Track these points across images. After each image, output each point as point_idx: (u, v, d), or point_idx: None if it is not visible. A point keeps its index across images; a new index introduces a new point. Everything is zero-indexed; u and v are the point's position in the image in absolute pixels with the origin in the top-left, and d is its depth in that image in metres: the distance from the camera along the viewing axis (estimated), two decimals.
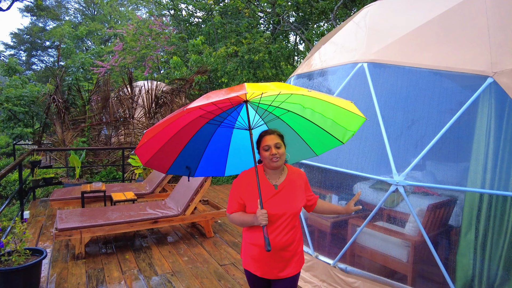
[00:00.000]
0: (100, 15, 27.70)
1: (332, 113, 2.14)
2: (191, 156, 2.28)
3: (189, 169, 2.31)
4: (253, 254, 2.04)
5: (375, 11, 3.99)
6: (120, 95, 9.26)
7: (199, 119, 2.14)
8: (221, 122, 2.21)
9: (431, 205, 2.94)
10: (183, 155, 2.24)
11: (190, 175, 2.33)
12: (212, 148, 2.33)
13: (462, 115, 2.76)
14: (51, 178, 6.92)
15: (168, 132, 2.11)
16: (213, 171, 2.41)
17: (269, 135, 2.00)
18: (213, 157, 2.36)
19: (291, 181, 2.06)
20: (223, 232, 5.14)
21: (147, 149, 2.14)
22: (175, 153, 2.22)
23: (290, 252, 2.02)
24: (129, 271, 3.80)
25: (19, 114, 8.29)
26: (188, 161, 2.29)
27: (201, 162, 2.34)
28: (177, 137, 2.15)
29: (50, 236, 4.75)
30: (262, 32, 12.36)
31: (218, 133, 2.29)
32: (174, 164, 2.25)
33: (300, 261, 2.10)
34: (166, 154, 2.20)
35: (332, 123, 2.19)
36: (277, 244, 1.97)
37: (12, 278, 3.06)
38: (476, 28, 2.93)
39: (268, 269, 2.03)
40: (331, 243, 3.60)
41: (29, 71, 26.00)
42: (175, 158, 2.24)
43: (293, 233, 2.02)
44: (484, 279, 2.65)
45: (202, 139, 2.26)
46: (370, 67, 3.39)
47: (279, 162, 1.98)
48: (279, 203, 1.99)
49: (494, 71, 2.63)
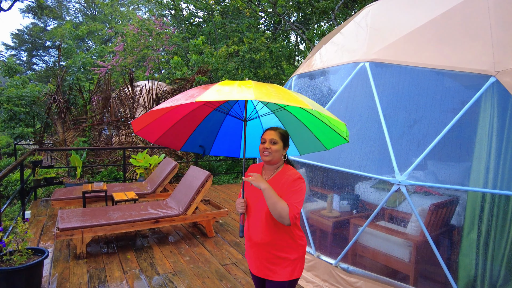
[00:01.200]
0: (101, 15, 27.71)
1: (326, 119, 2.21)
2: (204, 136, 2.45)
3: (203, 147, 2.45)
4: (246, 245, 2.16)
5: (376, 11, 3.98)
6: (121, 95, 9.26)
7: (203, 107, 2.28)
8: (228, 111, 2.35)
9: (433, 205, 2.94)
10: (195, 135, 2.41)
11: (204, 153, 2.49)
12: (225, 131, 2.47)
13: (464, 115, 2.75)
14: (52, 178, 6.92)
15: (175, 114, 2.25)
16: (228, 151, 2.54)
17: (270, 130, 2.05)
18: (226, 138, 2.50)
19: (277, 180, 2.03)
20: (225, 232, 5.14)
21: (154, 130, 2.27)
22: (187, 133, 2.38)
23: (272, 254, 1.99)
24: (130, 270, 3.80)
25: (20, 114, 8.30)
26: (202, 140, 2.45)
27: (216, 141, 2.50)
28: (186, 119, 2.29)
29: (51, 235, 4.75)
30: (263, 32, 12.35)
31: (228, 120, 2.43)
32: (187, 142, 2.42)
33: (288, 271, 2.00)
34: (177, 133, 2.35)
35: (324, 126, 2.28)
36: (253, 238, 2.04)
37: (14, 278, 3.06)
38: (479, 27, 2.92)
39: (253, 263, 2.09)
40: (333, 243, 3.60)
41: (30, 71, 26.02)
42: (188, 137, 2.40)
43: (274, 234, 1.97)
44: (486, 279, 2.64)
45: (212, 123, 2.41)
46: (372, 66, 3.38)
47: (269, 157, 2.01)
48: (258, 197, 2.02)
49: (497, 70, 2.62)
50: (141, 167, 7.32)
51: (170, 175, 6.00)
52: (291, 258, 2.01)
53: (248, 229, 2.08)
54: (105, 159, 8.74)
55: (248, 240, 2.10)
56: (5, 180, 7.52)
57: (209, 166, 9.70)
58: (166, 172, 6.00)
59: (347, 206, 3.62)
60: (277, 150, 2.00)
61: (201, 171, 4.97)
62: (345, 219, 3.55)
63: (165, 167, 6.14)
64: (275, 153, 2.00)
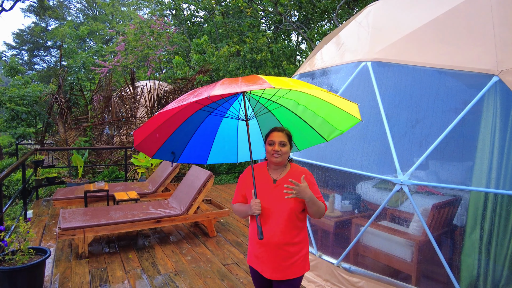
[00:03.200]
0: (102, 15, 27.74)
1: (325, 111, 2.17)
2: (178, 141, 2.31)
3: (173, 154, 2.34)
4: (255, 250, 2.08)
5: (377, 10, 3.97)
6: (122, 94, 9.27)
7: (194, 104, 2.15)
8: (213, 110, 2.23)
9: (435, 205, 2.93)
10: (171, 140, 2.26)
11: (173, 161, 2.34)
12: (199, 135, 2.34)
13: (467, 114, 2.74)
14: (54, 178, 6.93)
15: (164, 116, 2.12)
16: (195, 158, 2.42)
17: (278, 132, 2.05)
18: (198, 144, 2.38)
19: (291, 177, 2.04)
20: (226, 231, 5.14)
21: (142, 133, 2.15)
22: (164, 138, 2.24)
23: (289, 252, 2.00)
24: (132, 270, 3.80)
25: (21, 114, 8.31)
26: (174, 146, 2.31)
27: (186, 148, 2.36)
28: (170, 121, 2.16)
29: (53, 235, 4.76)
30: (264, 32, 12.35)
31: (208, 120, 2.31)
32: (161, 148, 2.27)
33: (302, 266, 2.06)
34: (155, 138, 2.21)
35: (322, 121, 2.24)
36: (271, 239, 1.97)
37: (16, 277, 3.06)
38: (481, 26, 2.91)
39: (267, 267, 2.02)
40: (334, 243, 3.59)
41: (31, 71, 26.06)
42: (163, 143, 2.25)
43: (292, 232, 2.00)
44: (489, 279, 2.63)
45: (192, 124, 2.28)
46: (373, 66, 3.37)
47: (279, 159, 2.02)
48: (274, 197, 2.01)
49: (500, 69, 2.61)
50: (143, 166, 7.33)
51: (171, 175, 6.01)
52: (303, 253, 2.07)
53: (265, 231, 1.98)
54: (107, 158, 8.75)
55: (265, 243, 2.00)
56: (7, 179, 7.54)
57: (210, 166, 9.71)
58: (168, 171, 6.00)
59: (349, 206, 3.61)
60: (286, 151, 2.04)
61: (202, 170, 4.97)
62: (347, 219, 3.55)
63: (167, 167, 6.15)
64: (285, 154, 2.03)
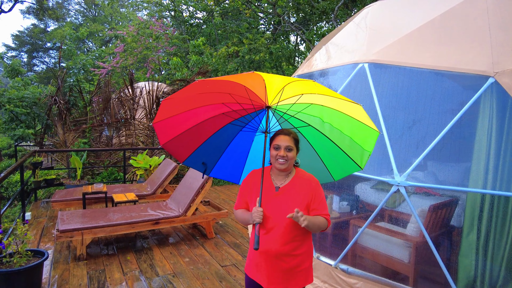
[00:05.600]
0: (101, 16, 27.76)
1: (349, 128, 1.97)
2: (210, 153, 2.18)
3: (205, 165, 2.21)
4: (255, 257, 1.98)
5: (375, 11, 3.98)
6: (121, 96, 9.27)
7: (222, 116, 2.05)
8: (244, 125, 2.14)
9: (432, 206, 2.93)
10: (202, 149, 2.15)
11: (205, 173, 2.22)
12: (232, 150, 2.23)
13: (463, 115, 2.75)
14: (52, 179, 6.93)
15: (191, 117, 2.00)
16: (229, 175, 2.30)
17: (284, 136, 1.91)
18: (231, 160, 2.26)
19: (295, 185, 1.94)
20: (224, 233, 5.14)
21: (167, 129, 2.00)
22: (195, 145, 2.12)
23: (289, 264, 1.90)
24: (130, 272, 3.80)
25: (21, 116, 8.31)
26: (205, 157, 2.19)
27: (219, 162, 2.24)
28: (199, 128, 2.04)
29: (51, 237, 4.75)
30: (263, 33, 12.36)
31: (240, 136, 2.20)
32: (192, 156, 2.15)
33: (304, 279, 1.95)
34: (185, 143, 2.09)
35: (350, 141, 2.01)
36: (270, 249, 1.87)
37: (13, 280, 3.06)
38: (477, 28, 2.92)
39: (265, 276, 1.92)
40: (332, 244, 3.59)
41: (30, 72, 26.07)
42: (194, 150, 2.13)
43: (292, 243, 1.89)
44: (486, 280, 2.63)
45: (223, 138, 2.17)
46: (371, 67, 3.38)
47: (284, 165, 1.89)
48: (276, 205, 1.90)
49: (496, 71, 2.62)
50: (141, 168, 7.32)
51: (170, 176, 6.01)
52: (306, 266, 1.96)
53: (265, 240, 1.88)
54: (105, 160, 8.74)
55: (264, 252, 1.90)
56: (5, 181, 7.53)
57: None
58: (166, 173, 6.00)
59: (347, 207, 3.62)
60: (293, 157, 1.90)
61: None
62: (344, 220, 3.55)
63: (165, 168, 6.15)
64: (291, 160, 1.90)
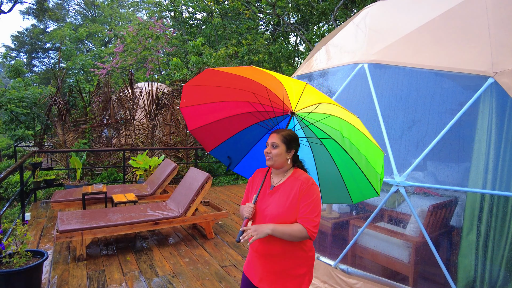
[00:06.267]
0: (101, 17, 27.76)
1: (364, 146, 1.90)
2: (236, 148, 2.24)
3: (230, 159, 2.26)
4: (249, 255, 2.08)
5: (375, 12, 3.98)
6: (121, 96, 9.28)
7: (249, 115, 2.10)
8: (270, 129, 2.18)
9: (432, 206, 2.94)
10: (229, 143, 2.21)
11: (229, 166, 2.28)
12: (257, 151, 2.26)
13: (463, 116, 2.75)
14: (52, 180, 6.93)
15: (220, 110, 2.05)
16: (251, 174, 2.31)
17: (274, 133, 1.94)
18: (255, 160, 2.29)
19: (286, 185, 1.93)
20: (224, 233, 5.14)
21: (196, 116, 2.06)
22: (223, 138, 2.19)
23: (280, 266, 1.90)
24: (130, 272, 3.80)
25: (20, 116, 8.31)
26: (231, 152, 2.24)
27: (244, 159, 2.29)
28: (228, 121, 2.10)
29: (51, 238, 4.75)
30: (262, 34, 12.38)
31: (265, 139, 2.24)
32: (219, 147, 2.21)
33: (299, 284, 1.93)
34: (214, 133, 2.17)
35: (366, 161, 1.94)
36: (258, 247, 1.92)
37: (13, 280, 3.06)
38: (477, 28, 2.93)
39: (256, 274, 1.97)
40: (332, 244, 3.59)
41: (30, 73, 26.08)
42: (222, 142, 2.19)
43: (280, 243, 1.87)
44: (486, 280, 2.64)
45: (250, 137, 2.23)
46: (370, 67, 3.38)
47: (270, 162, 1.92)
48: (266, 204, 1.92)
49: (495, 71, 2.63)
50: (141, 168, 7.32)
51: (169, 177, 6.00)
52: (300, 272, 1.92)
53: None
54: (105, 160, 8.74)
55: (255, 251, 1.96)
56: (5, 182, 7.52)
57: (209, 168, 9.70)
58: (166, 173, 6.00)
59: (347, 207, 3.62)
60: (278, 154, 1.89)
61: (200, 172, 4.97)
62: (344, 220, 3.55)
63: (165, 169, 6.15)
64: (275, 157, 1.90)
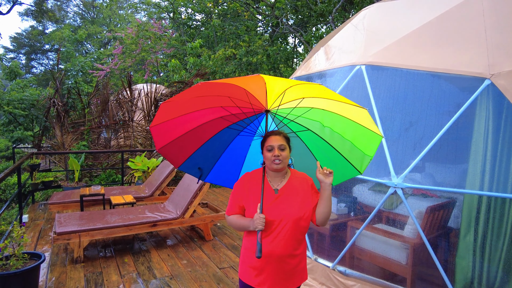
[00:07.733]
0: (100, 19, 27.76)
1: (351, 133, 1.98)
2: (206, 158, 2.15)
3: (201, 170, 2.17)
4: (253, 262, 1.93)
5: (373, 14, 4.00)
6: (120, 98, 9.27)
7: (220, 120, 2.02)
8: (242, 129, 2.12)
9: (429, 207, 2.94)
10: (198, 154, 2.11)
11: (200, 178, 2.19)
12: (228, 155, 2.20)
13: (460, 117, 2.76)
14: (50, 182, 6.91)
15: (188, 121, 1.96)
16: (224, 180, 2.27)
17: (275, 136, 1.92)
18: (227, 165, 2.23)
19: (293, 186, 1.95)
20: (222, 235, 5.13)
21: (164, 133, 1.95)
22: (191, 150, 2.08)
23: (289, 264, 1.91)
24: (128, 274, 3.79)
25: (19, 117, 8.30)
26: (202, 162, 2.15)
27: (215, 167, 2.21)
28: (196, 132, 2.01)
29: (49, 239, 4.74)
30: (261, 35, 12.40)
31: (237, 140, 2.18)
32: (187, 161, 2.10)
33: (301, 276, 1.98)
34: (181, 147, 2.05)
35: (351, 146, 2.01)
36: (274, 253, 1.86)
37: (10, 283, 3.04)
38: (474, 30, 2.94)
39: (266, 279, 1.90)
40: (330, 246, 3.59)
41: (28, 74, 26.05)
42: (190, 155, 2.09)
43: (293, 244, 1.90)
44: (483, 281, 2.64)
45: (220, 142, 2.14)
46: (368, 69, 3.39)
47: (281, 165, 1.89)
48: (278, 208, 1.89)
49: (492, 73, 2.63)
50: (139, 170, 7.31)
51: (168, 178, 6.00)
52: (303, 265, 1.99)
53: (267, 244, 1.86)
54: (104, 162, 8.73)
55: (268, 256, 1.87)
56: (3, 183, 7.51)
57: None
58: (164, 175, 5.99)
59: (345, 209, 3.62)
60: (286, 155, 1.90)
61: None
62: (342, 221, 3.55)
63: (163, 170, 6.14)
64: (285, 159, 1.89)
